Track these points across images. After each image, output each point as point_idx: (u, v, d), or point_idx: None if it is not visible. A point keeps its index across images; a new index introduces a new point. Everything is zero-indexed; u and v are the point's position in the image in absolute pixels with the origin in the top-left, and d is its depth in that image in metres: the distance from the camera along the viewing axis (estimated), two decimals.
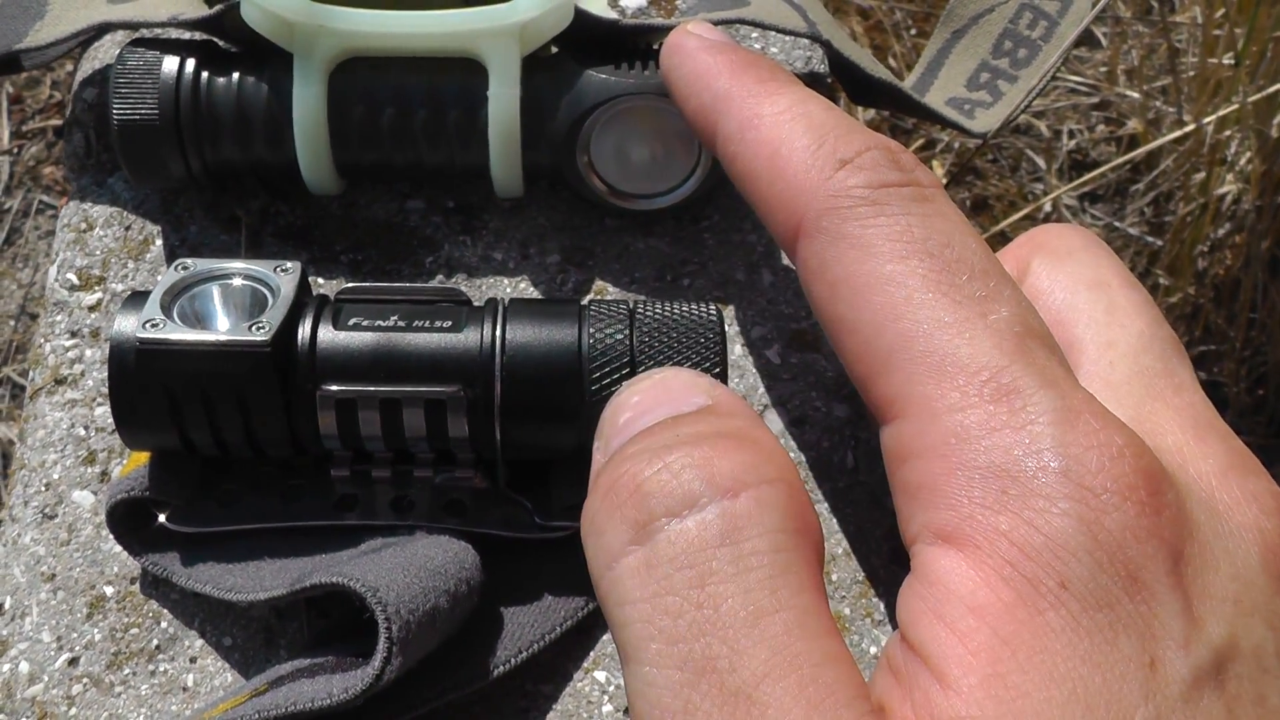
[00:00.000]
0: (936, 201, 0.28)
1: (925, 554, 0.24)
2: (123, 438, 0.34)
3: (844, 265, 0.28)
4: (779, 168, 0.30)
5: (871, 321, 0.27)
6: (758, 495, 0.24)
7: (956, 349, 0.25)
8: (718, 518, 0.24)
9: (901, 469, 0.26)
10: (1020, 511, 0.23)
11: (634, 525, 0.25)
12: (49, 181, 1.11)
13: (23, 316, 1.05)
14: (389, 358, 0.33)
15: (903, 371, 0.26)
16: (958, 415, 0.25)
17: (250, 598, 0.33)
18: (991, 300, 0.26)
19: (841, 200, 0.28)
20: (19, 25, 0.44)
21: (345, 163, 0.41)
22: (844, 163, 0.29)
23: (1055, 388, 0.24)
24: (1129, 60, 1.19)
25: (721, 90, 0.33)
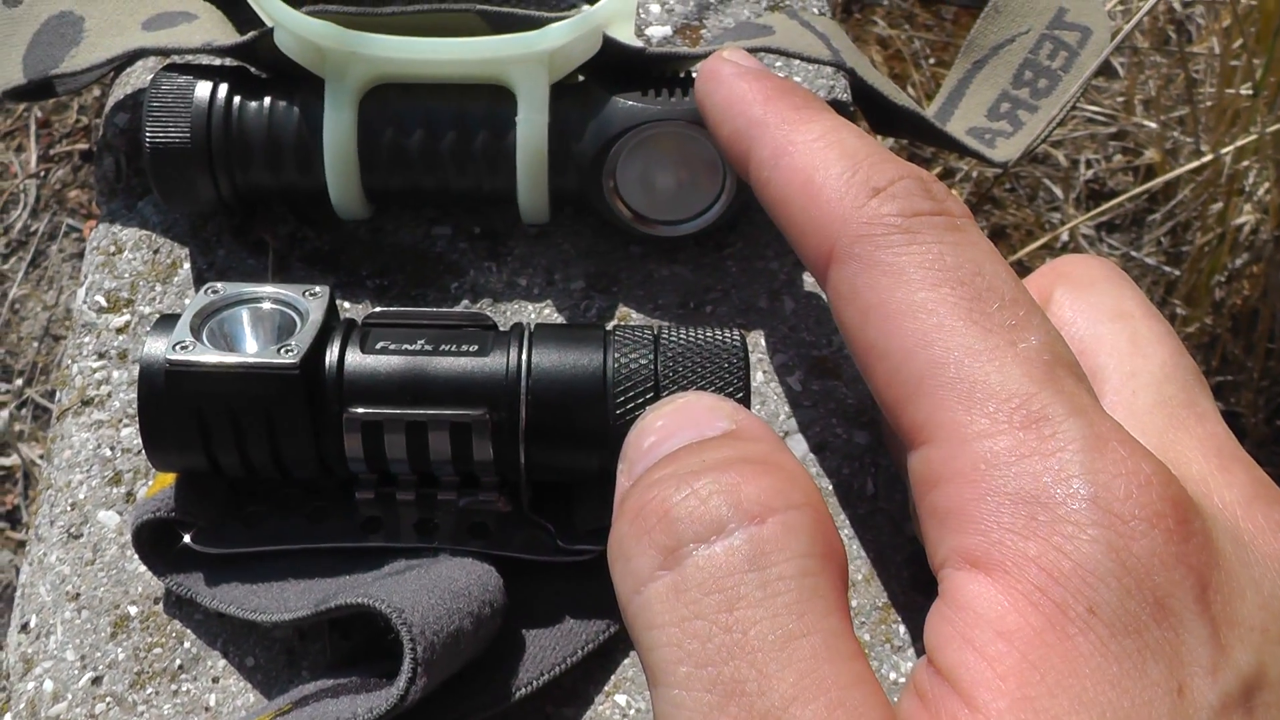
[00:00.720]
0: (967, 230, 0.28)
1: (953, 578, 0.25)
2: (150, 458, 0.34)
3: (876, 292, 0.28)
4: (812, 194, 0.30)
5: (902, 348, 0.27)
6: (784, 520, 0.25)
7: (986, 376, 0.25)
8: (745, 543, 0.24)
9: (930, 494, 0.26)
10: (1049, 537, 0.23)
11: (662, 550, 0.25)
12: (74, 205, 1.12)
13: (46, 338, 1.06)
14: (415, 381, 0.33)
15: (932, 397, 0.26)
16: (987, 441, 0.25)
17: (275, 618, 0.33)
18: (1021, 328, 0.26)
19: (874, 228, 0.28)
20: (55, 51, 0.44)
21: (373, 187, 0.42)
22: (877, 190, 0.29)
23: (1084, 415, 0.25)
24: (1146, 90, 1.19)
25: (756, 117, 0.33)
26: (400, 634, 0.30)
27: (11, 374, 1.05)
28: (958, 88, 0.50)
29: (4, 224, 1.12)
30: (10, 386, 1.04)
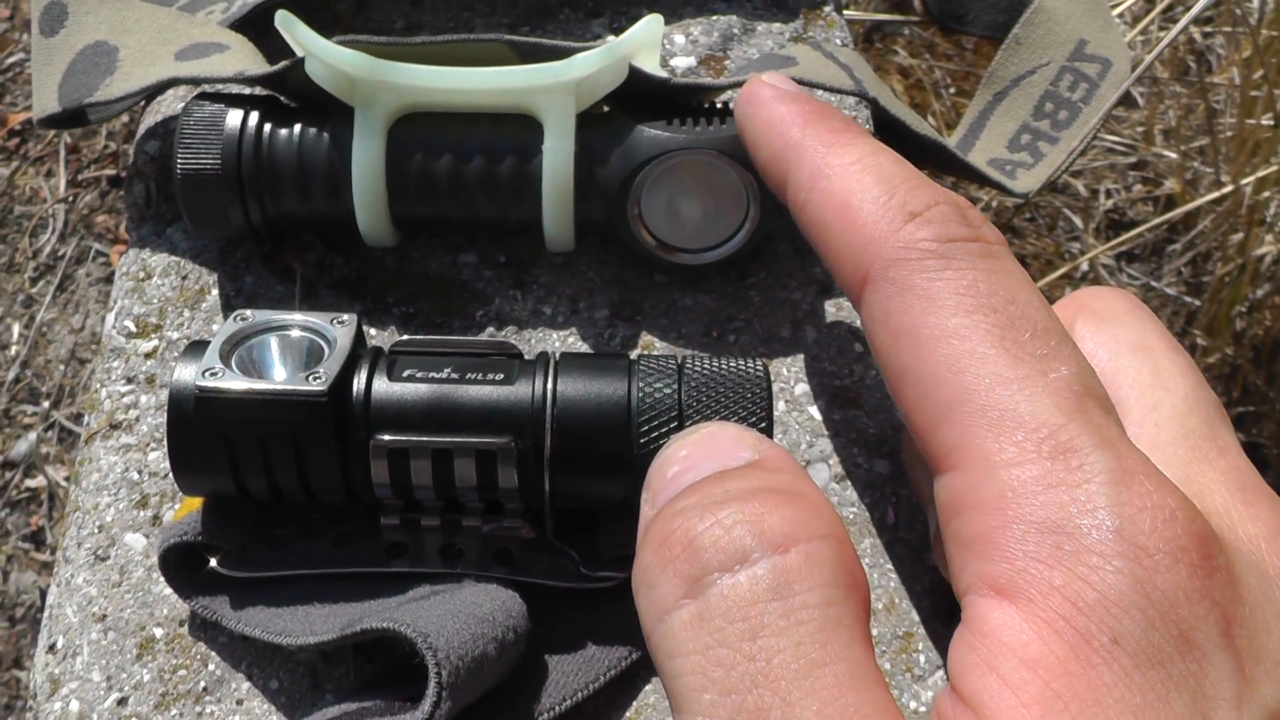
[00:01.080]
0: (1002, 258, 0.29)
1: (977, 605, 0.25)
2: (178, 482, 0.35)
3: (909, 316, 0.28)
4: (849, 217, 0.30)
5: (933, 373, 0.27)
6: (808, 550, 0.25)
7: (1016, 404, 0.26)
8: (769, 572, 0.24)
9: (955, 520, 0.26)
10: (1074, 567, 0.23)
11: (686, 579, 0.25)
12: (101, 229, 1.13)
13: (72, 361, 1.06)
14: (442, 409, 0.34)
15: (962, 424, 0.26)
16: (1014, 470, 0.25)
17: (300, 641, 0.33)
18: (1052, 358, 0.26)
19: (910, 252, 0.29)
20: (90, 80, 0.45)
21: (401, 215, 0.42)
22: (913, 215, 0.29)
23: (1111, 448, 0.25)
24: (1166, 120, 1.19)
25: (794, 139, 0.34)
26: (425, 658, 0.30)
27: (38, 396, 1.06)
28: (979, 119, 0.50)
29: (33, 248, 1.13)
30: (37, 409, 1.05)
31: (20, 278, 1.11)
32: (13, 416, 1.05)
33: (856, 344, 0.42)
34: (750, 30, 0.52)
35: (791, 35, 0.52)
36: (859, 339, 0.42)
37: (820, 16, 0.53)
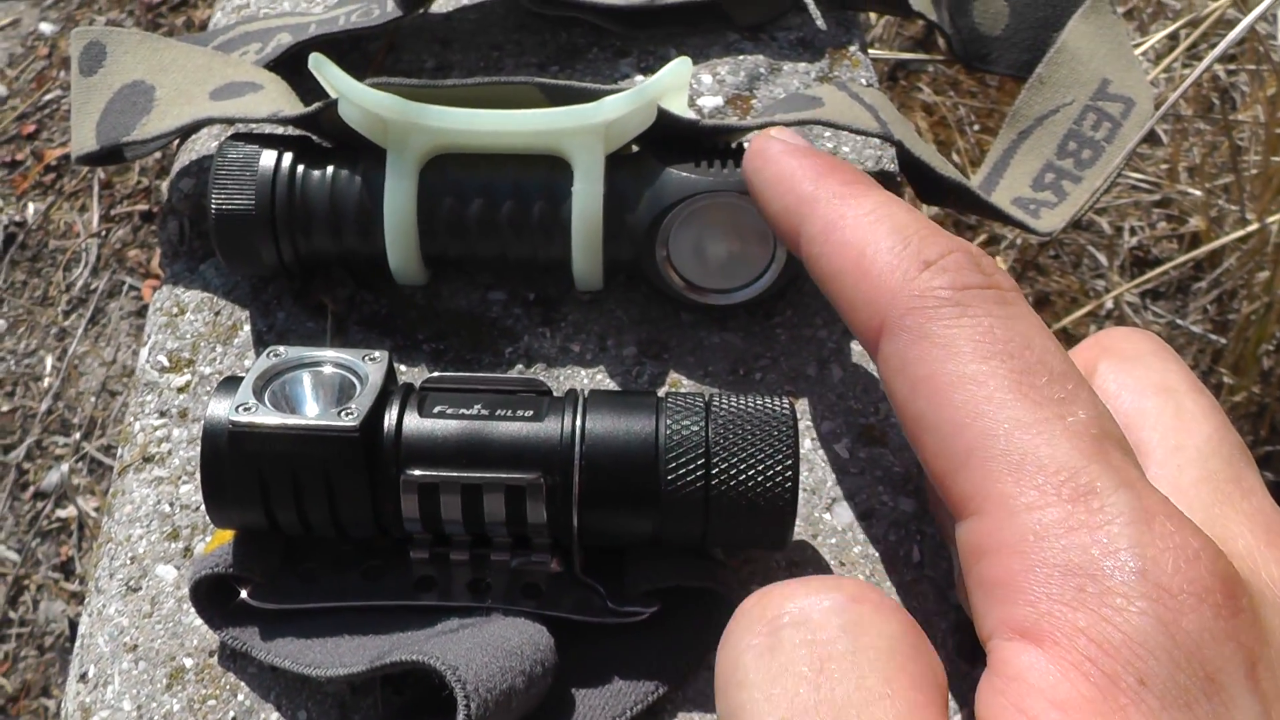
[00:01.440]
0: (1016, 304, 0.29)
1: (1003, 649, 0.25)
2: (210, 515, 0.35)
3: (927, 364, 0.28)
4: (864, 268, 0.31)
5: (952, 419, 0.27)
6: (879, 604, 0.26)
7: (1035, 449, 0.26)
8: (840, 613, 0.25)
9: (978, 565, 0.26)
10: (1098, 609, 0.23)
11: (761, 621, 0.26)
12: (133, 264, 1.14)
13: (103, 393, 1.07)
14: (472, 445, 0.34)
15: (981, 469, 0.26)
16: (1036, 514, 0.25)
17: (329, 673, 0.34)
18: (1069, 402, 0.27)
19: (926, 300, 0.29)
20: (127, 119, 0.46)
21: (432, 254, 0.43)
22: (928, 264, 0.30)
23: (1132, 489, 0.25)
24: (1191, 158, 1.19)
25: (806, 193, 0.34)
26: (454, 690, 0.31)
27: (70, 428, 1.06)
28: (1002, 158, 0.50)
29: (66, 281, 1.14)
30: (68, 440, 1.06)
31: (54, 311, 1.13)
32: (45, 447, 1.06)
33: (882, 383, 0.42)
34: (777, 70, 0.53)
35: (817, 75, 0.53)
36: None
37: (846, 56, 0.54)
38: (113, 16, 1.40)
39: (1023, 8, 0.54)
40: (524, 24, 0.55)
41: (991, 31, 0.54)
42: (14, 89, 1.34)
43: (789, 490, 0.33)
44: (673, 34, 0.54)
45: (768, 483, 0.33)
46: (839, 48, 0.54)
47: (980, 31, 0.54)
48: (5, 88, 1.34)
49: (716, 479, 0.33)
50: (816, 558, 0.38)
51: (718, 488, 0.33)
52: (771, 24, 0.55)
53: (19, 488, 1.05)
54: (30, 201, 1.22)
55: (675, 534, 0.34)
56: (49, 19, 1.42)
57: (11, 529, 1.03)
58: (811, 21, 0.55)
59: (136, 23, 1.39)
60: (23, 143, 1.29)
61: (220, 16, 0.57)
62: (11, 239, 1.19)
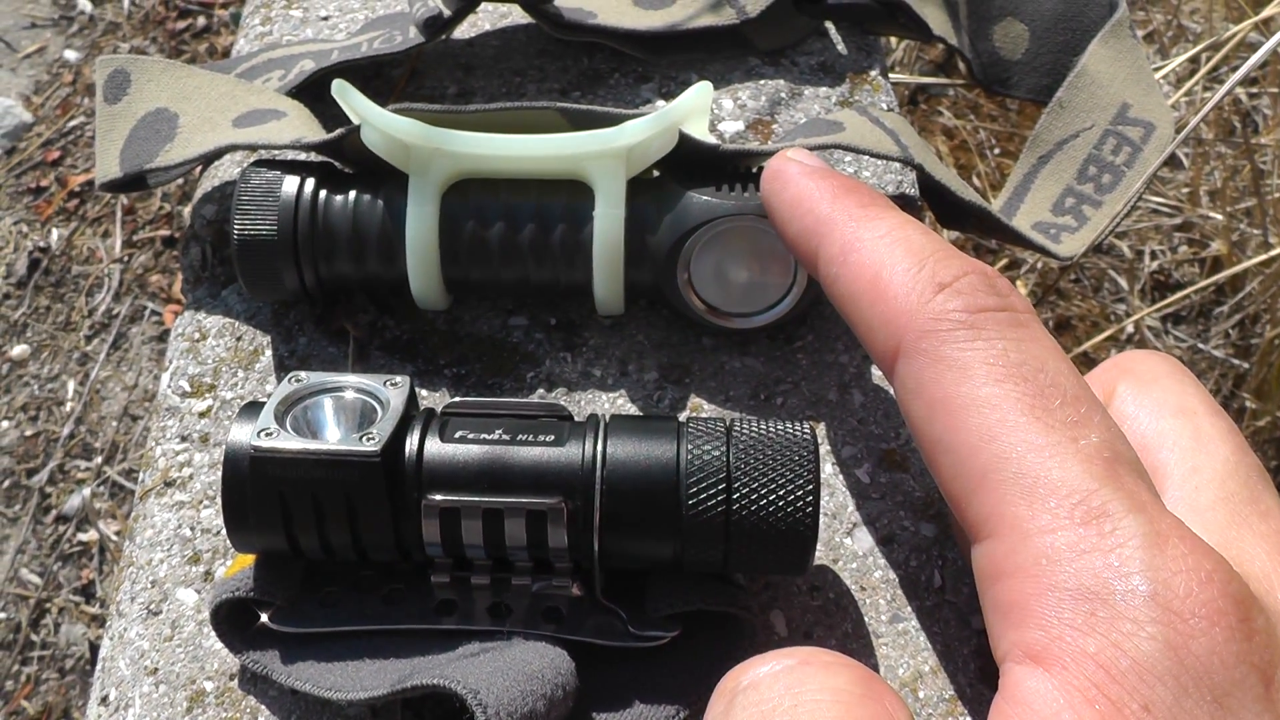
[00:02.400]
0: (1031, 327, 0.29)
1: (1013, 673, 0.25)
2: (232, 540, 0.35)
3: (942, 386, 0.28)
4: (880, 290, 0.31)
5: (966, 442, 0.27)
6: (826, 663, 0.26)
7: (1048, 472, 0.26)
8: (785, 674, 0.26)
9: (993, 588, 0.26)
10: (1108, 634, 0.23)
11: (723, 694, 0.27)
12: (155, 289, 1.14)
13: (125, 418, 1.08)
14: (493, 470, 0.34)
15: (996, 492, 0.26)
16: (1048, 537, 0.25)
17: (350, 696, 0.34)
18: (1082, 425, 0.27)
19: (940, 323, 0.29)
20: (151, 146, 0.46)
21: (453, 279, 0.43)
22: (943, 286, 0.30)
23: (1144, 512, 0.25)
24: (1212, 181, 1.19)
25: (824, 214, 0.34)
26: (475, 714, 0.31)
27: (91, 452, 1.07)
28: (1023, 182, 0.50)
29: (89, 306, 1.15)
30: (90, 464, 1.06)
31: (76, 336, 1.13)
32: (66, 471, 1.07)
33: (899, 405, 0.42)
34: (797, 95, 0.53)
35: (838, 100, 0.53)
36: None
37: (866, 80, 0.54)
38: (137, 43, 1.41)
39: (1043, 32, 0.54)
40: (546, 50, 0.55)
41: (1012, 56, 0.54)
42: (39, 115, 1.36)
43: (810, 515, 0.33)
44: (694, 59, 0.54)
45: (789, 508, 0.33)
46: (859, 72, 0.54)
47: (1000, 56, 0.54)
48: (31, 114, 1.35)
49: (737, 504, 0.33)
50: (837, 582, 0.38)
51: (738, 513, 0.33)
52: (792, 49, 0.55)
53: (41, 511, 1.05)
54: (54, 227, 1.23)
55: (696, 559, 0.34)
56: (74, 46, 1.44)
57: (34, 552, 1.04)
58: (832, 46, 0.55)
59: (160, 49, 1.41)
60: (47, 169, 1.30)
61: (244, 43, 0.57)
62: (35, 264, 1.20)
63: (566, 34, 0.54)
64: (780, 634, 0.37)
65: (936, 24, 0.53)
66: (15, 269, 1.20)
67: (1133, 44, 0.52)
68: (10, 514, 1.06)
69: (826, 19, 0.56)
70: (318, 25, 0.57)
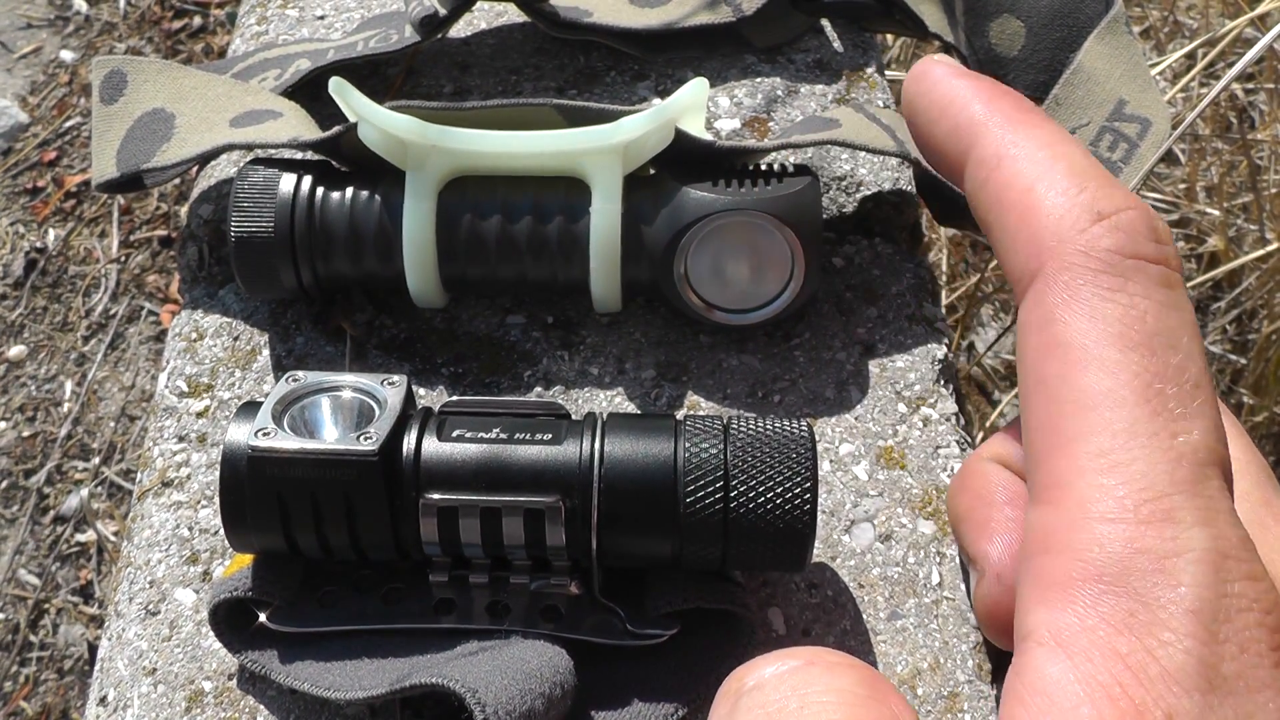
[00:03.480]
0: (1178, 289, 0.27)
1: (1035, 656, 0.24)
2: (230, 540, 0.35)
3: (1068, 330, 0.27)
4: (1032, 205, 0.29)
5: (1070, 398, 0.26)
6: (832, 664, 0.26)
7: (1133, 461, 0.25)
8: (791, 675, 0.26)
9: (1037, 559, 0.26)
10: (1143, 638, 0.23)
11: (728, 695, 0.26)
12: (152, 289, 1.14)
13: (122, 418, 1.08)
14: (491, 469, 0.34)
15: (1075, 463, 0.26)
16: (1109, 526, 0.25)
17: (349, 696, 0.34)
18: (1187, 420, 0.26)
19: (1090, 260, 0.27)
20: (147, 146, 0.46)
21: (451, 277, 0.43)
22: (1101, 217, 0.28)
23: (1212, 526, 0.24)
24: (1208, 177, 1.19)
25: (977, 115, 0.32)
26: (474, 713, 0.31)
27: (89, 453, 1.07)
28: None
29: (85, 307, 1.15)
30: (88, 465, 1.06)
31: (73, 336, 1.13)
32: (64, 472, 1.06)
33: (900, 405, 0.42)
34: (794, 92, 0.53)
35: (835, 97, 0.53)
36: (903, 400, 0.42)
37: (863, 77, 0.54)
38: (133, 44, 1.41)
39: (1039, 28, 0.54)
40: (542, 48, 0.55)
41: (1008, 53, 0.54)
42: (35, 116, 1.36)
43: (808, 513, 0.33)
44: (690, 57, 0.54)
45: (786, 505, 0.33)
46: (856, 69, 0.54)
47: (996, 53, 0.54)
48: (27, 115, 1.35)
49: (735, 501, 0.33)
50: (835, 580, 0.38)
51: (736, 510, 0.33)
52: (789, 46, 0.55)
53: (39, 512, 1.05)
54: (51, 228, 1.23)
55: (694, 556, 0.34)
56: (70, 47, 1.44)
57: (32, 553, 1.04)
58: (829, 43, 0.55)
59: (156, 49, 1.41)
60: (44, 169, 1.30)
61: (239, 43, 0.57)
62: (32, 265, 1.20)
63: (563, 32, 0.54)
64: (778, 631, 0.37)
65: (933, 21, 0.53)
66: (12, 270, 1.20)
67: (1129, 40, 0.52)
68: (8, 515, 1.06)
69: (823, 16, 0.56)
70: (314, 25, 0.57)
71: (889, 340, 0.44)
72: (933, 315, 0.45)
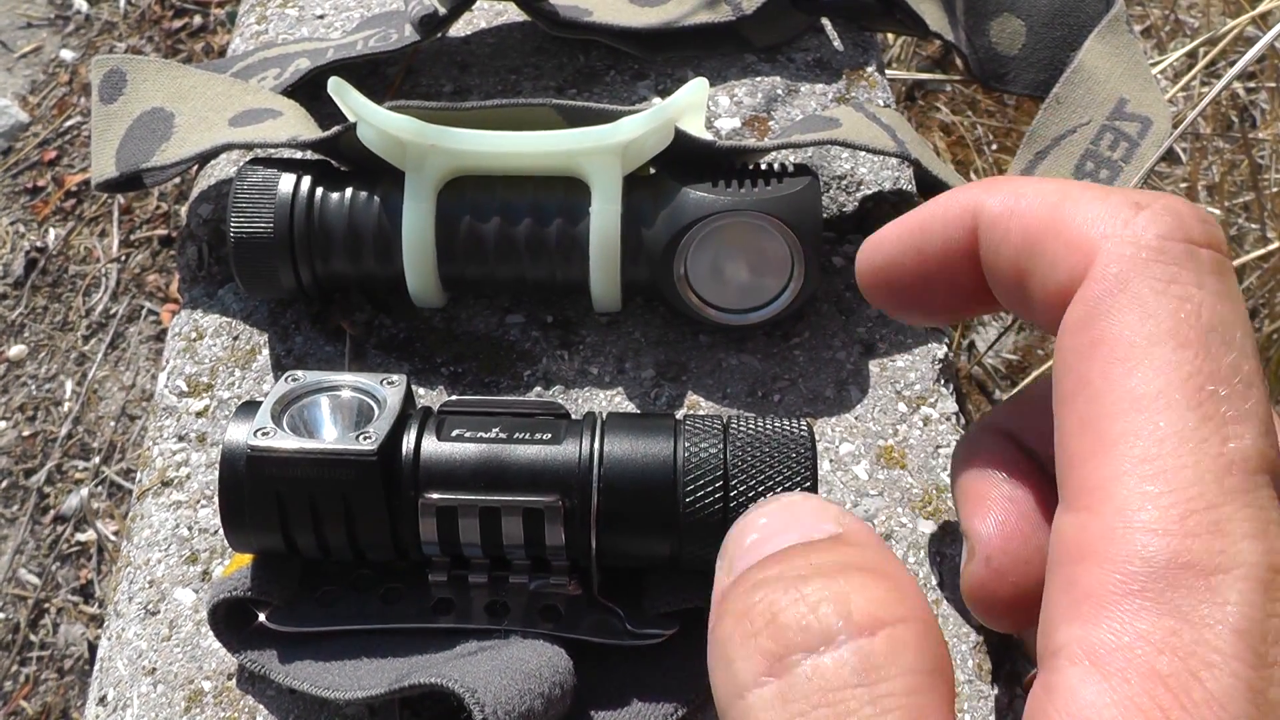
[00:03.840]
0: (1229, 275, 0.26)
1: (1067, 675, 0.23)
2: (229, 540, 0.35)
3: (1115, 325, 0.26)
4: (1064, 217, 0.28)
5: (1113, 398, 0.25)
6: (893, 634, 0.24)
7: (1182, 468, 0.24)
8: (854, 656, 0.23)
9: (1070, 567, 0.24)
10: (1186, 660, 0.22)
11: (769, 657, 0.24)
12: (152, 289, 1.14)
13: (123, 418, 1.08)
14: (490, 468, 0.34)
15: (1117, 466, 0.24)
16: (1152, 537, 0.23)
17: (348, 696, 0.34)
18: (1240, 423, 0.24)
19: (1140, 249, 0.26)
20: (147, 146, 0.46)
21: (450, 277, 0.43)
22: (1141, 207, 0.27)
23: (1262, 540, 0.23)
24: (1210, 176, 1.19)
25: (975, 192, 0.31)
26: (473, 713, 0.31)
27: (89, 452, 1.07)
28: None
29: (86, 306, 1.15)
30: (88, 464, 1.06)
31: (74, 335, 1.13)
32: (64, 471, 1.06)
33: (900, 404, 0.42)
34: (794, 91, 0.53)
35: (835, 96, 0.53)
36: (903, 399, 0.42)
37: (863, 76, 0.54)
38: (133, 43, 1.41)
39: (1040, 27, 0.54)
40: (542, 47, 0.55)
41: (1009, 51, 0.54)
42: (35, 115, 1.36)
43: None
44: (690, 56, 0.54)
45: None
46: (856, 68, 0.54)
47: (997, 51, 0.54)
48: (27, 114, 1.35)
49: (735, 501, 0.33)
50: None
51: (736, 510, 0.33)
52: (789, 45, 0.55)
53: (39, 511, 1.05)
54: (51, 227, 1.23)
55: (693, 556, 0.34)
56: (70, 46, 1.44)
57: (32, 552, 1.04)
58: (829, 42, 0.55)
59: (156, 49, 1.41)
60: (44, 169, 1.30)
61: (239, 43, 0.57)
62: (33, 264, 1.20)
63: (562, 31, 0.54)
64: None
65: (933, 20, 0.53)
66: (12, 269, 1.20)
67: (1130, 39, 0.51)
68: (8, 514, 1.06)
69: (823, 15, 0.56)
70: (313, 24, 0.57)
71: (889, 340, 0.44)
72: None
